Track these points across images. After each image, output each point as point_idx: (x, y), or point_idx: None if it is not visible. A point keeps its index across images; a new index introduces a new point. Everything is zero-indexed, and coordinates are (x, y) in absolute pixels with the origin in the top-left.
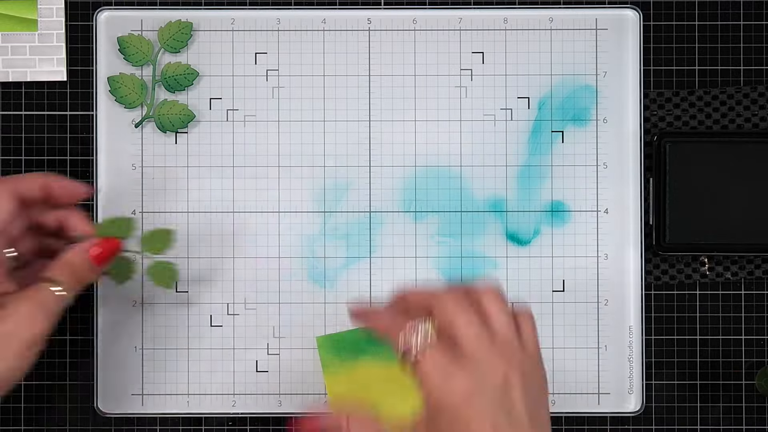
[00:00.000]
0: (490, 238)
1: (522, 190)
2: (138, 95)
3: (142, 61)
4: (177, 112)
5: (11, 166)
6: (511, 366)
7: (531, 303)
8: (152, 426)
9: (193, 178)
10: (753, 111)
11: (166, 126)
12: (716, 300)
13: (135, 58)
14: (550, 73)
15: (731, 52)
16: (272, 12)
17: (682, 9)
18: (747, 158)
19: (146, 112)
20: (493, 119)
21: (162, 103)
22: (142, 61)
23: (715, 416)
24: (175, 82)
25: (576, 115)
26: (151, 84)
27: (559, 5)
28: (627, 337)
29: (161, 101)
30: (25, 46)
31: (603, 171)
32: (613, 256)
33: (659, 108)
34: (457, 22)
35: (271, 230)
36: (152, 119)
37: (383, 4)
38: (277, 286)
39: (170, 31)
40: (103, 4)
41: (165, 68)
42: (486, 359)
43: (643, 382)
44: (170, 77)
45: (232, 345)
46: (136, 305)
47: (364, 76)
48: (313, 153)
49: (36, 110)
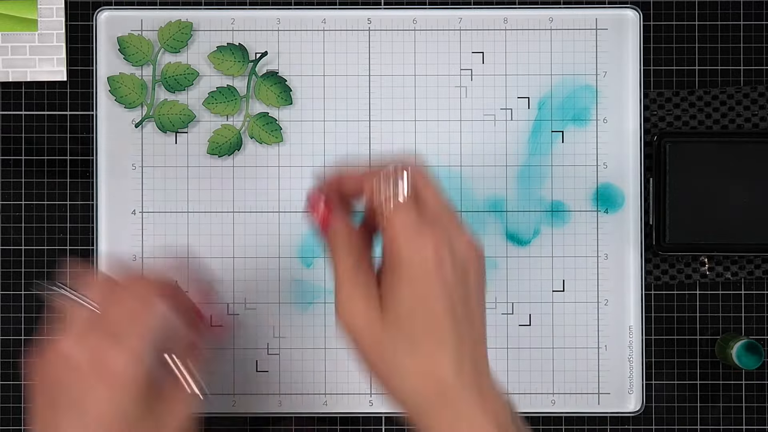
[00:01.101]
0: (490, 238)
1: (522, 190)
2: (138, 95)
3: (142, 61)
4: (177, 112)
5: (11, 166)
6: (474, 249)
7: (531, 303)
8: None
9: (193, 178)
10: (753, 111)
11: (166, 126)
12: (716, 300)
13: (135, 58)
14: (550, 73)
15: (731, 52)
16: (272, 12)
17: (682, 9)
18: (747, 158)
19: (146, 112)
20: (493, 119)
21: (162, 103)
22: (142, 61)
23: (715, 416)
24: (175, 82)
25: (576, 115)
26: (151, 84)
27: (559, 5)
28: (627, 337)
29: (161, 101)
30: (25, 46)
31: (603, 171)
32: (613, 256)
33: (659, 108)
34: (457, 22)
35: (271, 230)
36: (152, 119)
37: (383, 4)
38: (277, 286)
39: (170, 31)
40: (103, 4)
41: (165, 68)
42: (452, 227)
43: (643, 382)
44: (170, 77)
45: (232, 345)
46: None
47: (364, 76)
48: (313, 153)
49: (36, 110)
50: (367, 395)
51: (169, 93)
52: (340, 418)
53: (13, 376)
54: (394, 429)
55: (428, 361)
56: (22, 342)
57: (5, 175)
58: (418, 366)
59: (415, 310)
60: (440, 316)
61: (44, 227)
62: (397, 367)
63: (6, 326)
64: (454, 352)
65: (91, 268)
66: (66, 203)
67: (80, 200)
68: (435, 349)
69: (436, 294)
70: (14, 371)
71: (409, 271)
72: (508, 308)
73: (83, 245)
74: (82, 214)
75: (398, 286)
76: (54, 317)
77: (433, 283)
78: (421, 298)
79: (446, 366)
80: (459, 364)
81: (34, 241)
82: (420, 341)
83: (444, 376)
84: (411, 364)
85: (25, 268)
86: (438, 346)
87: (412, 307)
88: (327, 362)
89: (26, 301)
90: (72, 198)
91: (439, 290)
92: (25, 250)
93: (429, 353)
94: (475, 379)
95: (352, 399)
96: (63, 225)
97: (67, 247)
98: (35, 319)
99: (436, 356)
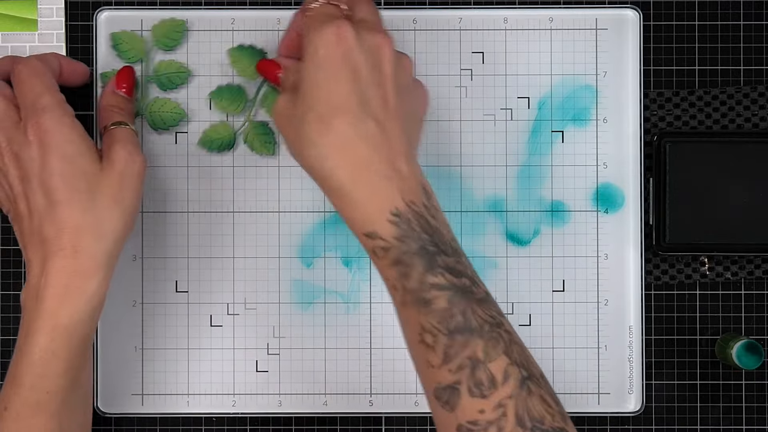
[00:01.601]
0: (490, 238)
1: (522, 190)
2: None
3: (134, 58)
4: (169, 110)
5: None
6: (387, 45)
7: (531, 303)
8: (152, 426)
9: (193, 178)
10: (753, 111)
11: (157, 123)
12: (716, 300)
13: (128, 54)
14: (550, 73)
15: (731, 52)
16: (272, 12)
17: (682, 9)
18: (747, 158)
19: (137, 108)
20: (493, 119)
21: (153, 100)
22: (135, 58)
23: (715, 416)
24: (168, 80)
25: (576, 115)
26: (142, 81)
27: (559, 5)
28: (627, 337)
29: (153, 98)
30: (25, 46)
31: (603, 171)
32: (613, 256)
33: (659, 108)
34: (457, 22)
35: (271, 230)
36: (143, 116)
37: (383, 4)
38: (277, 286)
39: (163, 28)
40: (103, 4)
41: (157, 66)
42: (372, 32)
43: (643, 382)
44: (162, 75)
45: (232, 345)
46: (136, 305)
47: None
48: None
49: None
50: (367, 395)
51: (161, 91)
52: (340, 418)
53: None
54: (394, 429)
55: (339, 138)
56: None
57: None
58: (331, 143)
59: (322, 89)
60: (345, 95)
61: None
62: (313, 145)
63: (6, 326)
64: (364, 128)
65: None
66: None
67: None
68: (344, 127)
69: (340, 75)
70: None
71: (315, 56)
72: (508, 308)
73: None
74: None
75: (307, 70)
76: None
77: (337, 66)
78: (326, 80)
79: (357, 142)
80: (369, 140)
81: None
82: (329, 120)
83: (358, 153)
84: (325, 142)
85: (25, 268)
86: (346, 124)
87: (321, 86)
88: (327, 362)
89: None
90: None
91: (343, 73)
92: None
93: (339, 131)
94: (388, 155)
95: (352, 399)
96: None
97: None
98: None
99: (346, 133)
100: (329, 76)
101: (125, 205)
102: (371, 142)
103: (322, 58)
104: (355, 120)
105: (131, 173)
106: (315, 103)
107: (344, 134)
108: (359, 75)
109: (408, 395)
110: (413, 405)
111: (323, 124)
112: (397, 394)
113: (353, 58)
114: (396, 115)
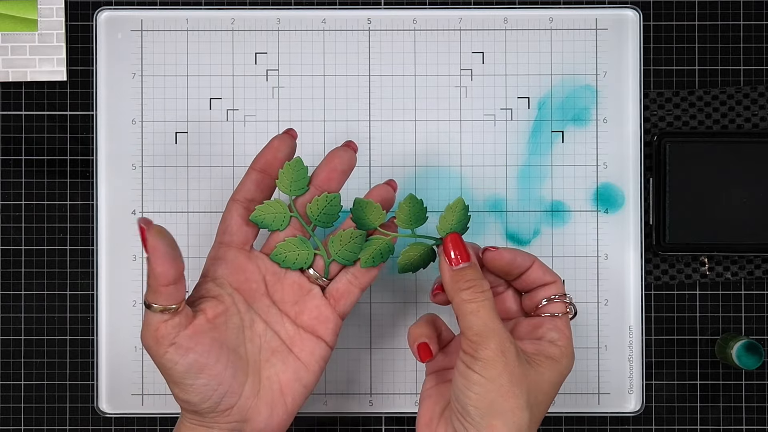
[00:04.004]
0: (490, 238)
1: (522, 190)
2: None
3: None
4: (324, 205)
5: (11, 166)
6: None
7: None
8: (152, 426)
9: (193, 178)
10: (753, 111)
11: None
12: (716, 300)
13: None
14: (550, 73)
15: (731, 52)
16: (272, 12)
17: (682, 9)
18: (747, 158)
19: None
20: (493, 119)
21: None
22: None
23: (715, 416)
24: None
25: (576, 115)
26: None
27: (559, 5)
28: (627, 337)
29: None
30: (25, 46)
31: (603, 171)
32: (613, 256)
33: (659, 108)
34: (457, 22)
35: None
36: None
37: (383, 4)
38: None
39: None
40: (103, 4)
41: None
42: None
43: (643, 382)
44: (320, 215)
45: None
46: (136, 305)
47: (364, 76)
48: (314, 153)
49: (36, 110)
50: (367, 395)
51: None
52: (340, 418)
53: (13, 376)
54: (394, 429)
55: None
56: (22, 342)
57: (5, 175)
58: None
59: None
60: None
61: (44, 227)
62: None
63: (6, 326)
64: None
65: None
66: (66, 203)
67: (80, 200)
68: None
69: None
70: (14, 371)
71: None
72: None
73: (83, 245)
74: (82, 214)
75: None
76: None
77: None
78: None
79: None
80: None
81: (34, 241)
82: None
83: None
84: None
85: (25, 268)
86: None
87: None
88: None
89: (26, 301)
90: (72, 198)
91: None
92: (25, 250)
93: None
94: None
95: (352, 399)
96: (63, 225)
97: (67, 247)
98: (35, 319)
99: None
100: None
101: None
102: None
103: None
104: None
105: None
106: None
107: None
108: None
109: (408, 395)
110: (413, 405)
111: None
112: (397, 394)
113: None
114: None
